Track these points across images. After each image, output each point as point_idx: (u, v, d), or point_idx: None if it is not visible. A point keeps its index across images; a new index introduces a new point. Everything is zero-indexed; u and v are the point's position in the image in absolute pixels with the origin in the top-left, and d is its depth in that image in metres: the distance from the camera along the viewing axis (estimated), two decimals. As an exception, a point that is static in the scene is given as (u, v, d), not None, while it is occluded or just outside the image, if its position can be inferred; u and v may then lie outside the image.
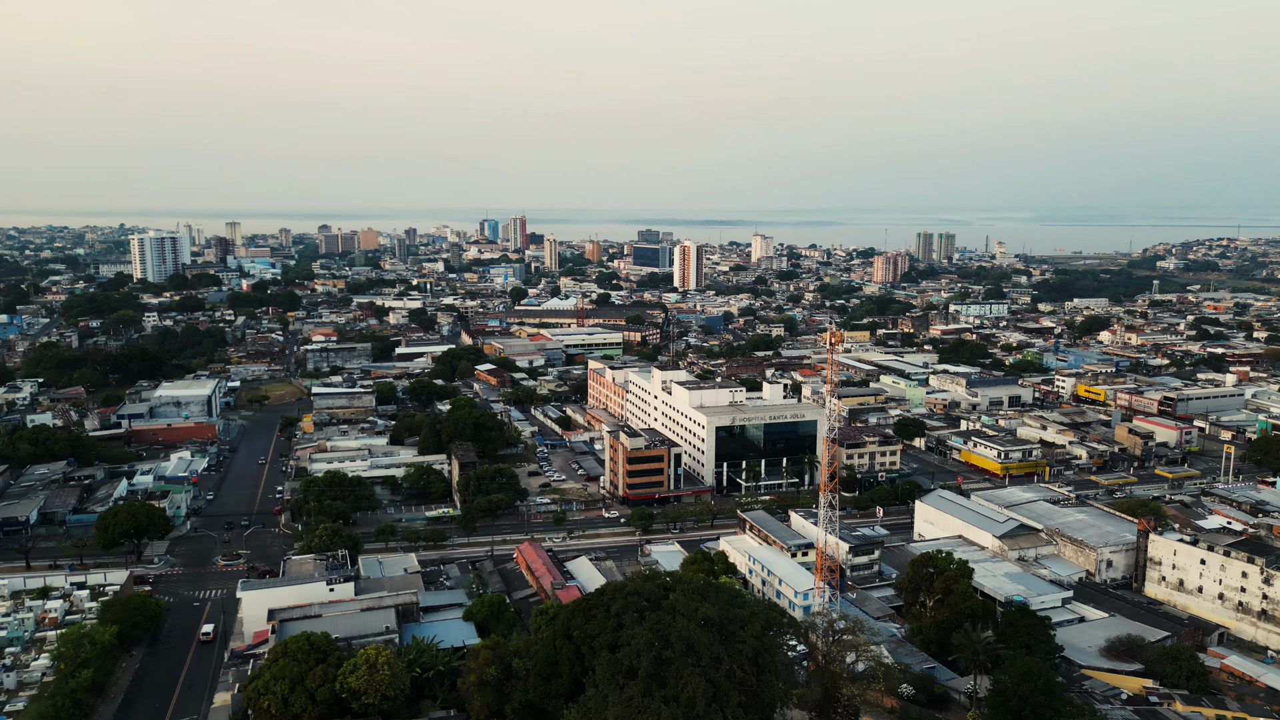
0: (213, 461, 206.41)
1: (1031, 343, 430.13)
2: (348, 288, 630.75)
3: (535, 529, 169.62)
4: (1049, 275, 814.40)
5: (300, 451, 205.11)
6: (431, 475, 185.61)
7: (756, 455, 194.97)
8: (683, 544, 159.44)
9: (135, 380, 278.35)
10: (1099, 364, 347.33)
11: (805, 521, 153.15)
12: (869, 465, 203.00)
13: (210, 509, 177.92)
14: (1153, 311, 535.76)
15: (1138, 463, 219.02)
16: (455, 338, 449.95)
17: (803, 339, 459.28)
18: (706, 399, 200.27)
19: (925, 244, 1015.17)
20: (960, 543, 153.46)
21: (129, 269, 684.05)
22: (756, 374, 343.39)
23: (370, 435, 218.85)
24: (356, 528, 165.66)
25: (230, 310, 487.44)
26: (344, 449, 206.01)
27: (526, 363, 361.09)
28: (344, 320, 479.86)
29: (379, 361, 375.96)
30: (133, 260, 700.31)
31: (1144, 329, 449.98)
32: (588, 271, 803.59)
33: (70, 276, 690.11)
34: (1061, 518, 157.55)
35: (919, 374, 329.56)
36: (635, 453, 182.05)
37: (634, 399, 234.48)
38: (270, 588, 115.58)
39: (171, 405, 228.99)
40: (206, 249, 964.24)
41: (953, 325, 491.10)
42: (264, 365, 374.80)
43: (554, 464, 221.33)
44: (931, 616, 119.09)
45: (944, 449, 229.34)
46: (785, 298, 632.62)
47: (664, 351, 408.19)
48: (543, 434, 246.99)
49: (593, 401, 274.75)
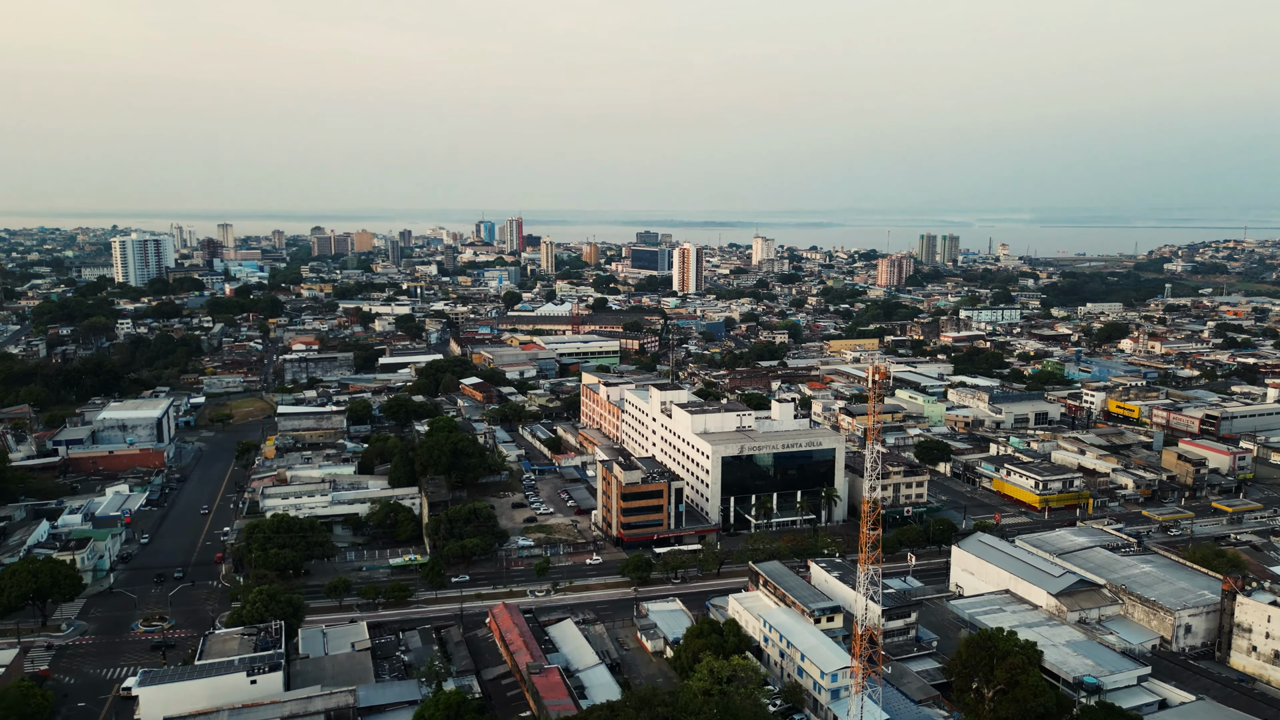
0: (155, 495, 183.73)
1: (1049, 351, 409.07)
2: (335, 292, 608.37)
3: (516, 578, 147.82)
4: (1056, 278, 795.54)
5: (256, 482, 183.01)
6: (400, 513, 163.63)
7: (767, 487, 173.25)
8: (685, 599, 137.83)
9: (90, 397, 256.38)
10: (1126, 376, 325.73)
11: (828, 576, 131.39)
12: (893, 498, 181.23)
13: (142, 556, 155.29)
14: (1170, 317, 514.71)
15: (1189, 493, 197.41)
16: (444, 346, 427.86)
17: (807, 345, 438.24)
18: (711, 424, 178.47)
19: (928, 246, 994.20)
20: (1008, 599, 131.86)
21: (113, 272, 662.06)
22: (761, 387, 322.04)
23: (337, 462, 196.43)
24: (309, 578, 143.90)
25: (209, 317, 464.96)
26: (305, 479, 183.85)
27: (517, 374, 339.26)
28: (328, 327, 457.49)
29: (361, 372, 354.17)
30: (114, 263, 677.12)
31: (1166, 336, 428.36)
32: (585, 274, 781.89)
33: (52, 280, 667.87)
34: (1124, 570, 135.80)
35: (935, 387, 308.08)
36: (631, 488, 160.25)
37: (630, 420, 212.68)
38: (177, 680, 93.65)
39: (116, 429, 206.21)
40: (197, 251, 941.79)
41: (964, 332, 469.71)
42: (239, 376, 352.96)
43: (541, 493, 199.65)
44: (991, 711, 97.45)
45: (973, 476, 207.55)
46: (788, 302, 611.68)
47: (663, 360, 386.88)
48: (530, 457, 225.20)
49: (586, 420, 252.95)
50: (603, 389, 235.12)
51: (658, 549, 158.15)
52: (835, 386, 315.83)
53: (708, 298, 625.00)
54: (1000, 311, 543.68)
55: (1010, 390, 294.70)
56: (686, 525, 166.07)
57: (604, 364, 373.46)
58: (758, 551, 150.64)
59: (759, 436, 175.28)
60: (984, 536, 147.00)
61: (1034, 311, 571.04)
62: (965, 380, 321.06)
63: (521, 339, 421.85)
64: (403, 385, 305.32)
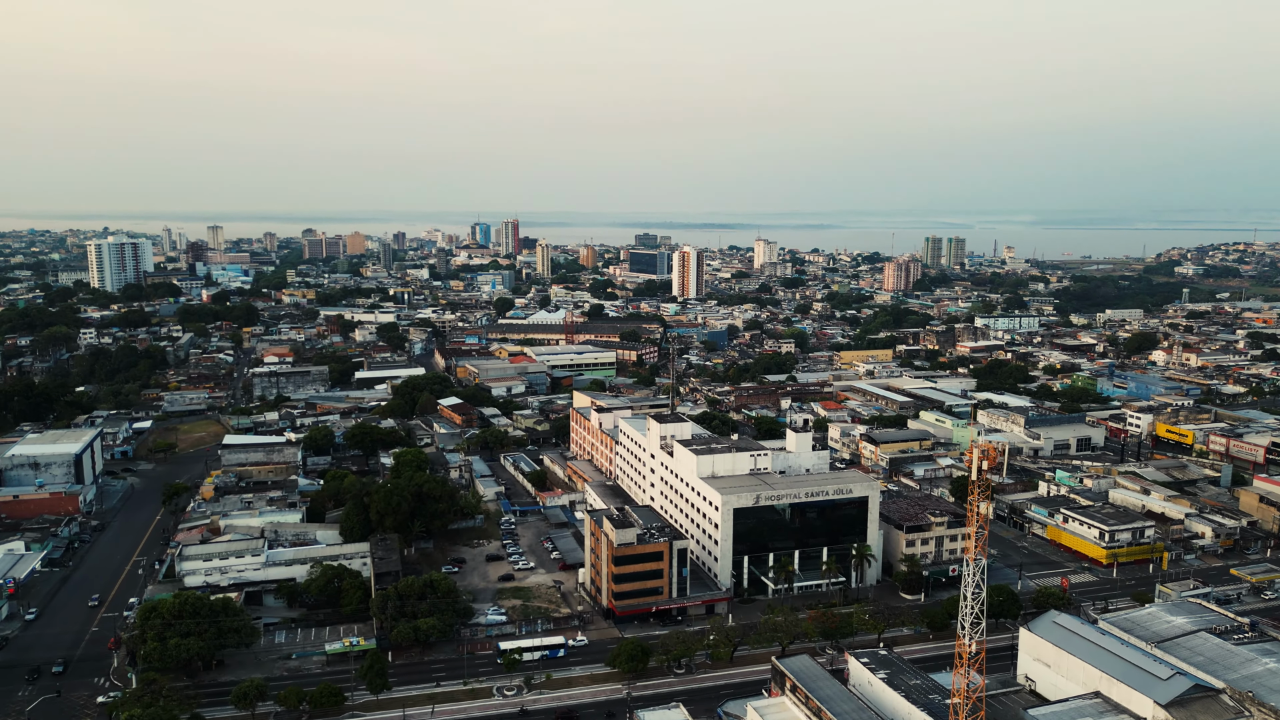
0: (58, 553, 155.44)
1: (1075, 363, 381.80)
2: (318, 298, 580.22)
3: (481, 668, 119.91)
4: (1067, 282, 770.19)
5: (183, 534, 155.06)
6: (346, 579, 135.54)
7: (787, 542, 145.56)
8: (692, 697, 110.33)
9: (18, 422, 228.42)
10: (1168, 393, 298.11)
11: (872, 677, 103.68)
12: (934, 553, 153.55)
13: (24, 639, 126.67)
14: (1196, 325, 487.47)
15: (1275, 541, 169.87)
16: (428, 358, 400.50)
17: (815, 355, 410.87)
18: (719, 465, 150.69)
19: (934, 249, 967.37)
20: (1102, 707, 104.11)
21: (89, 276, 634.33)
22: (770, 404, 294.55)
23: (282, 507, 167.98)
24: (222, 672, 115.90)
25: (179, 325, 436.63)
26: (241, 530, 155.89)
27: (504, 390, 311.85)
28: (305, 337, 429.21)
29: (336, 388, 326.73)
30: (89, 268, 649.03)
31: (1200, 347, 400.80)
32: (581, 279, 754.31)
33: (28, 284, 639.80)
34: (1244, 666, 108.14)
35: (960, 406, 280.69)
36: (624, 550, 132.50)
37: (625, 453, 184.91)
38: None
39: (27, 467, 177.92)
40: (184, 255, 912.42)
41: (982, 342, 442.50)
42: (205, 392, 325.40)
43: (522, 540, 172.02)
44: None
45: (1020, 519, 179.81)
46: (792, 307, 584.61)
47: (662, 372, 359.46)
48: (511, 494, 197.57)
49: (575, 448, 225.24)
50: (594, 415, 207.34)
51: (656, 623, 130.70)
52: (851, 405, 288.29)
53: (709, 303, 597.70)
54: (1017, 319, 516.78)
55: (1047, 412, 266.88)
56: (691, 592, 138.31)
57: (599, 377, 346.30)
58: (778, 630, 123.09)
59: (777, 482, 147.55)
60: (1060, 618, 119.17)
61: (1051, 318, 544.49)
62: (991, 398, 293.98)
63: (511, 350, 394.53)
64: (375, 405, 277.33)
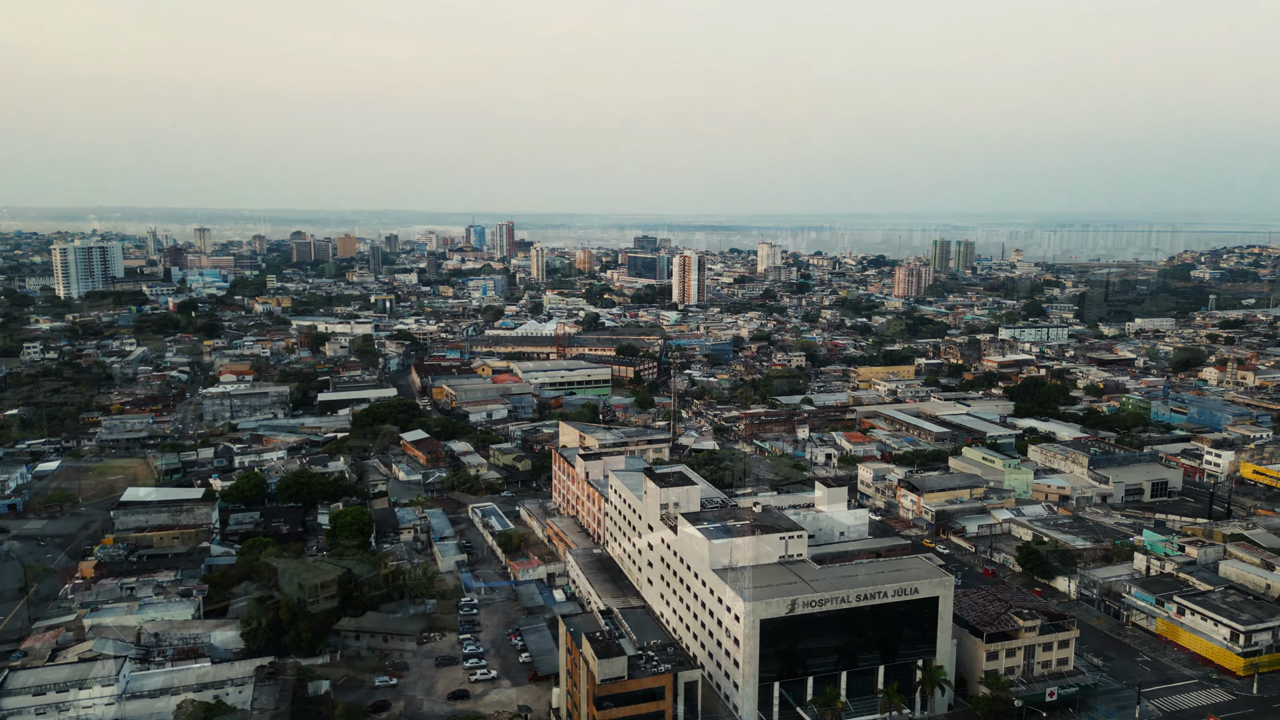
0: None
1: (1118, 381, 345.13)
2: (294, 306, 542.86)
3: None
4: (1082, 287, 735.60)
5: (37, 639, 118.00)
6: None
7: (829, 659, 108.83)
8: None
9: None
10: (1238, 420, 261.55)
11: None
12: (1022, 667, 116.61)
13: None
14: (1237, 335, 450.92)
15: None
16: (403, 375, 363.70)
17: (828, 370, 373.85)
18: (740, 553, 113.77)
19: (942, 252, 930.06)
20: None
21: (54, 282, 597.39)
22: (785, 433, 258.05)
23: (172, 597, 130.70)
24: None
25: (133, 338, 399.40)
26: (113, 632, 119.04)
27: (483, 415, 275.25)
28: (271, 352, 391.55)
29: (299, 410, 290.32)
30: (54, 273, 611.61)
31: (1254, 363, 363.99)
32: (577, 284, 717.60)
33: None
34: None
35: (1003, 437, 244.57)
36: (611, 687, 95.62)
37: (617, 515, 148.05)
38: None
39: None
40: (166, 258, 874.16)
41: (1010, 356, 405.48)
42: (150, 416, 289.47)
43: (484, 633, 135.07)
44: None
45: (1117, 606, 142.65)
46: (799, 315, 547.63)
47: (662, 390, 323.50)
48: (476, 562, 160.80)
49: (558, 498, 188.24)
50: (579, 462, 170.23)
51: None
52: (879, 436, 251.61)
53: (711, 310, 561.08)
54: (1043, 330, 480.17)
55: (1102, 443, 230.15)
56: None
57: (592, 396, 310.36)
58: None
59: (819, 578, 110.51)
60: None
61: (1075, 327, 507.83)
62: (1036, 425, 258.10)
63: (496, 366, 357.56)
64: (330, 438, 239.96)
